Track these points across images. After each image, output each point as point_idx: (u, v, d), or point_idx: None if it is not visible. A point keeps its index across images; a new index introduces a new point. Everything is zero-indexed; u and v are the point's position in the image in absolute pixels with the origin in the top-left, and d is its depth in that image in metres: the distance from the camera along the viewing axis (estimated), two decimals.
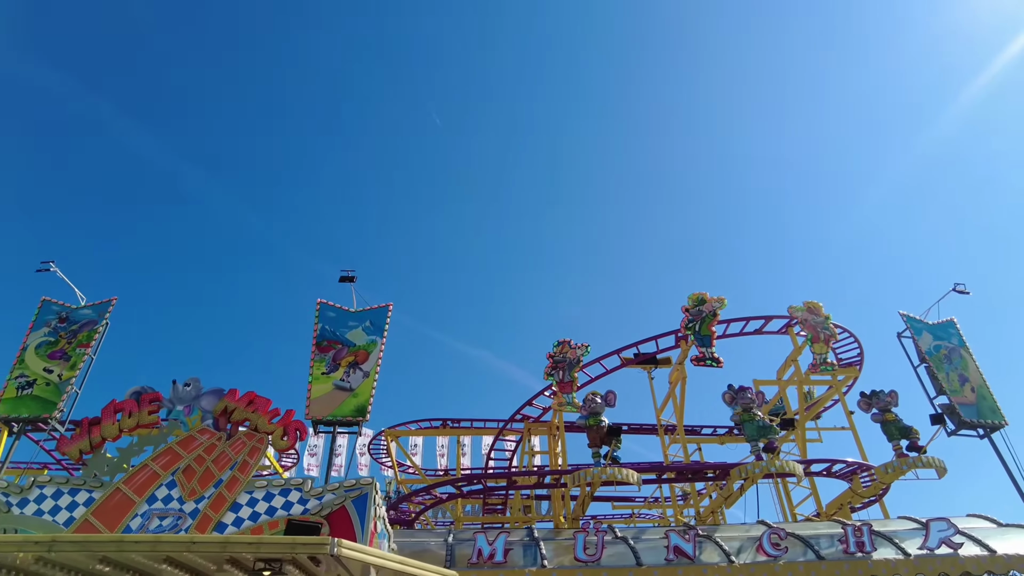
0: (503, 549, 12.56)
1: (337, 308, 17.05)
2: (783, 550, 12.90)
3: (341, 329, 16.71)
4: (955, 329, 18.69)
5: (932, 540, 13.40)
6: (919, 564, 12.93)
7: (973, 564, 13.03)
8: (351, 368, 16.06)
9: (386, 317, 17.06)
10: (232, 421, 9.60)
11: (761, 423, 15.37)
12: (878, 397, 16.62)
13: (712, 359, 17.92)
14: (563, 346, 18.82)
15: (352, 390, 15.73)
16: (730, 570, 12.46)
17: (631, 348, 20.11)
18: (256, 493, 9.01)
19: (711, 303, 18.48)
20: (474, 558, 12.43)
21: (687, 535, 12.93)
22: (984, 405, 17.10)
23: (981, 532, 14.77)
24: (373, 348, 16.47)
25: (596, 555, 12.62)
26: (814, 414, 23.04)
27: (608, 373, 20.72)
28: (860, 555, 13.02)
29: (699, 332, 18.22)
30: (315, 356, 16.19)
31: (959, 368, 17.73)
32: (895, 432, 16.01)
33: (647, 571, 12.35)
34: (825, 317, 19.00)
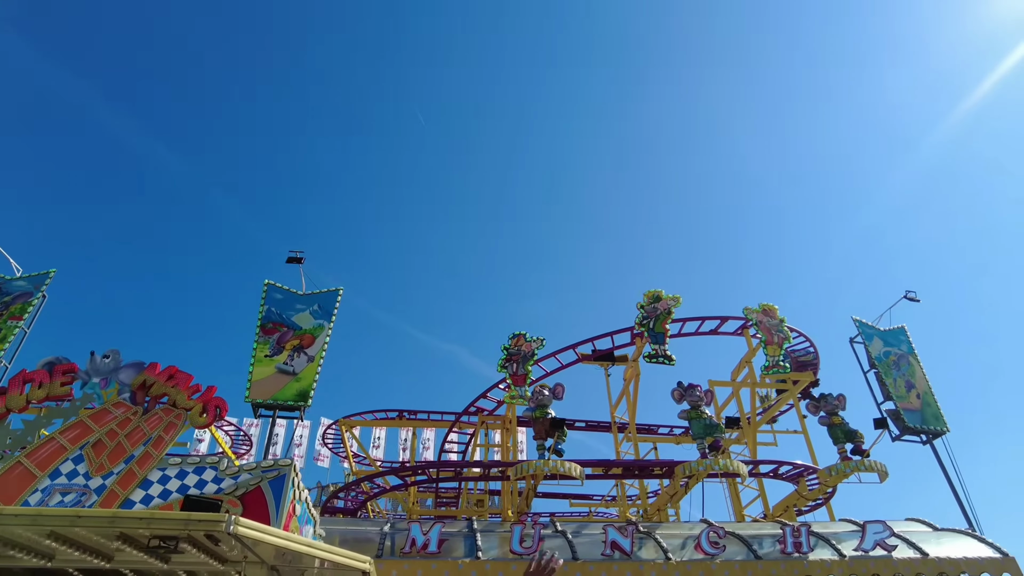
0: (437, 539, 12.31)
1: (285, 290, 16.64)
2: (721, 549, 12.86)
3: (288, 312, 16.32)
4: (905, 336, 18.89)
5: (868, 542, 13.49)
6: (853, 565, 12.98)
7: (905, 566, 13.13)
8: (296, 352, 15.70)
9: (335, 301, 16.71)
10: (150, 395, 9.18)
11: (708, 421, 15.35)
12: (826, 400, 16.71)
13: (664, 356, 17.86)
14: (518, 339, 18.60)
15: (295, 374, 15.37)
16: (666, 567, 12.37)
17: (587, 343, 19.97)
18: (169, 470, 8.62)
19: (666, 301, 18.42)
20: (407, 547, 12.18)
21: (625, 531, 12.80)
22: (928, 412, 17.30)
23: (917, 536, 14.91)
24: (320, 332, 16.12)
25: (532, 547, 12.43)
26: (769, 417, 23.15)
27: (563, 368, 20.56)
28: (797, 555, 13.03)
29: (653, 329, 18.16)
30: (259, 338, 15.78)
31: (907, 374, 17.93)
32: (840, 436, 16.09)
33: (582, 565, 12.19)
34: (780, 320, 19.08)
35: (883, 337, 18.50)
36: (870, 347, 18.11)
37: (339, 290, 16.92)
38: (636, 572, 12.27)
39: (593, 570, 12.18)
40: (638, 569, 12.30)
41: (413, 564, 11.93)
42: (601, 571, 12.19)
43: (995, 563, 13.55)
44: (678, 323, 19.97)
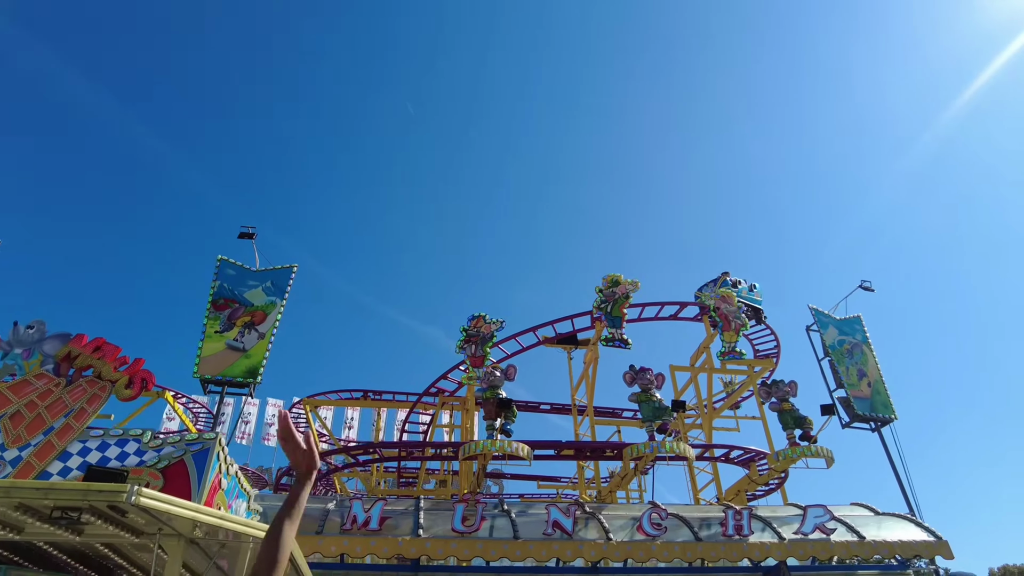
0: (379, 517, 12.33)
1: (238, 266, 16.42)
2: (663, 530, 12.99)
3: (240, 288, 16.12)
4: (860, 325, 19.11)
5: (808, 525, 13.70)
6: (791, 548, 13.19)
7: (842, 549, 13.38)
8: (246, 328, 15.53)
9: (289, 278, 16.52)
10: (75, 367, 9.03)
11: (657, 405, 15.44)
12: (777, 387, 16.88)
13: (621, 340, 17.93)
14: (477, 321, 18.57)
15: (245, 351, 15.22)
16: (606, 547, 12.48)
17: (547, 326, 19.99)
18: (90, 443, 8.51)
19: (625, 285, 18.45)
20: (347, 524, 12.18)
21: (568, 511, 12.90)
22: (878, 400, 17.55)
23: (858, 520, 15.19)
24: (272, 309, 15.95)
25: (474, 526, 12.50)
26: (732, 403, 23.37)
27: (524, 350, 20.58)
28: (738, 538, 13.20)
29: (610, 313, 18.20)
30: (210, 314, 15.58)
31: (859, 363, 18.15)
32: (790, 421, 16.28)
33: (523, 544, 12.26)
34: (737, 307, 19.19)
35: (838, 326, 18.70)
36: (825, 335, 18.30)
37: (293, 267, 16.73)
38: (576, 551, 12.37)
39: (533, 548, 12.25)
40: (578, 548, 12.41)
41: (353, 540, 11.94)
42: (541, 550, 12.28)
43: (929, 546, 13.86)
44: (637, 308, 20.06)
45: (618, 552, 12.49)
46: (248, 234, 16.38)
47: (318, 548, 11.77)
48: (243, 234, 16.37)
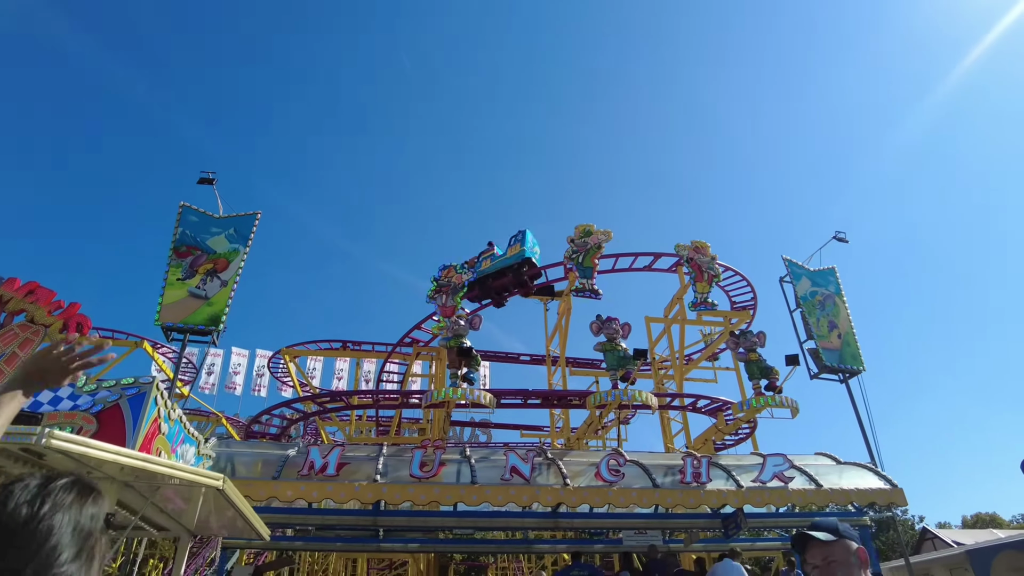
0: (336, 463, 12.40)
1: (201, 213, 16.11)
2: (620, 476, 13.10)
3: (203, 235, 15.85)
4: (834, 277, 18.94)
5: (766, 473, 13.83)
6: (748, 495, 13.33)
7: (798, 496, 13.53)
8: (209, 276, 15.33)
9: (252, 225, 16.24)
10: (7, 311, 8.87)
11: (621, 354, 15.39)
12: (745, 337, 16.82)
13: (591, 291, 17.79)
14: (448, 271, 18.39)
15: (207, 298, 15.05)
16: (563, 492, 12.59)
17: None
18: None
19: (597, 235, 18.20)
20: (304, 470, 12.24)
21: (527, 457, 12.98)
22: (847, 351, 17.53)
23: (820, 468, 15.35)
24: (235, 256, 15.72)
25: (432, 471, 12.59)
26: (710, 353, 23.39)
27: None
28: (695, 485, 13.32)
29: (581, 264, 18.01)
30: (172, 261, 15.36)
31: (831, 314, 18.06)
32: (756, 372, 16.29)
33: (479, 489, 12.36)
34: (711, 257, 19.01)
35: (811, 277, 18.52)
36: (797, 287, 18.14)
37: (256, 213, 16.43)
38: (532, 496, 12.48)
39: (490, 493, 12.36)
40: (535, 493, 12.51)
41: (309, 485, 12.01)
42: (497, 495, 12.39)
43: (884, 493, 14.03)
44: (611, 259, 19.86)
45: (574, 497, 12.61)
46: (208, 179, 15.98)
47: (274, 492, 11.83)
48: (203, 179, 15.98)
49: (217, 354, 28.59)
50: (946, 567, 19.70)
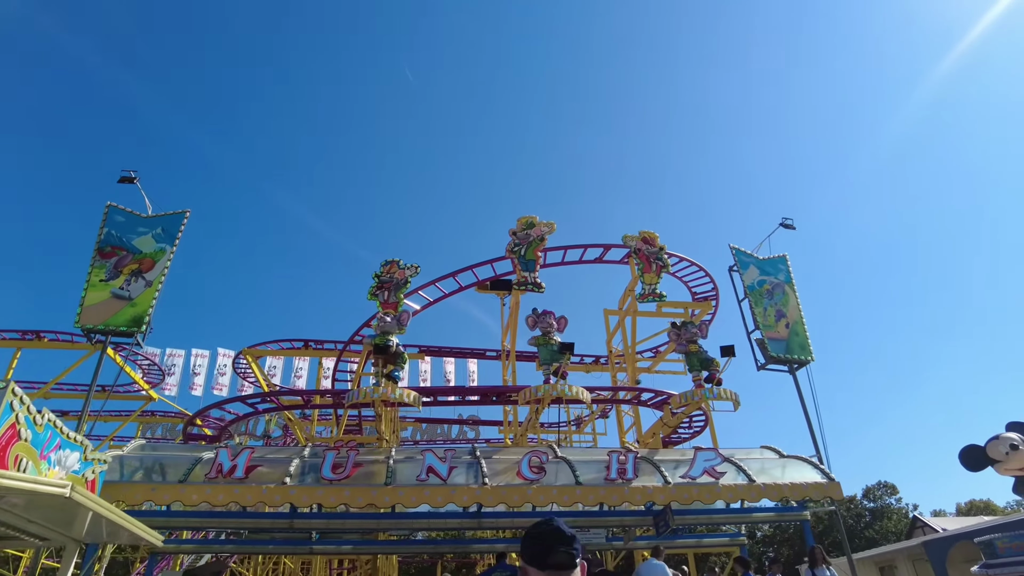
0: (245, 465, 12.14)
1: (127, 212, 15.86)
2: (541, 473, 12.77)
3: (129, 235, 15.61)
4: (785, 265, 18.47)
5: (696, 469, 13.46)
6: (675, 491, 12.96)
7: (729, 491, 13.14)
8: (133, 276, 15.09)
9: (180, 224, 15.98)
10: None
11: (554, 348, 15.03)
12: (686, 328, 16.41)
13: (534, 283, 17.41)
14: (391, 266, 17.99)
15: (131, 299, 14.82)
16: (479, 492, 12.26)
17: (467, 271, 19.42)
18: None
19: (540, 227, 17.82)
20: (212, 473, 11.99)
21: (444, 456, 12.66)
22: (795, 341, 17.08)
23: (761, 462, 14.96)
24: (161, 256, 15.47)
25: (345, 472, 12.30)
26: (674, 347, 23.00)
27: (447, 296, 20.11)
28: (620, 481, 12.96)
29: (524, 256, 17.63)
30: (95, 262, 15.13)
31: (779, 303, 17.60)
32: (696, 363, 15.88)
33: (392, 490, 12.06)
34: (659, 247, 18.57)
35: (760, 266, 18.06)
36: (744, 275, 17.69)
37: (185, 212, 16.16)
38: (447, 496, 12.17)
39: (403, 495, 12.06)
40: (449, 494, 12.19)
41: (215, 489, 11.73)
42: (411, 496, 12.08)
43: (819, 487, 13.62)
44: (559, 251, 19.46)
45: (491, 497, 12.28)
46: (129, 178, 15.69)
47: (179, 496, 11.60)
48: (123, 179, 15.68)
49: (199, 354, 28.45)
50: (908, 558, 19.29)
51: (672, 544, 16.36)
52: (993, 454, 12.62)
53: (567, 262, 19.83)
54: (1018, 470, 12.34)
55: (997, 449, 12.54)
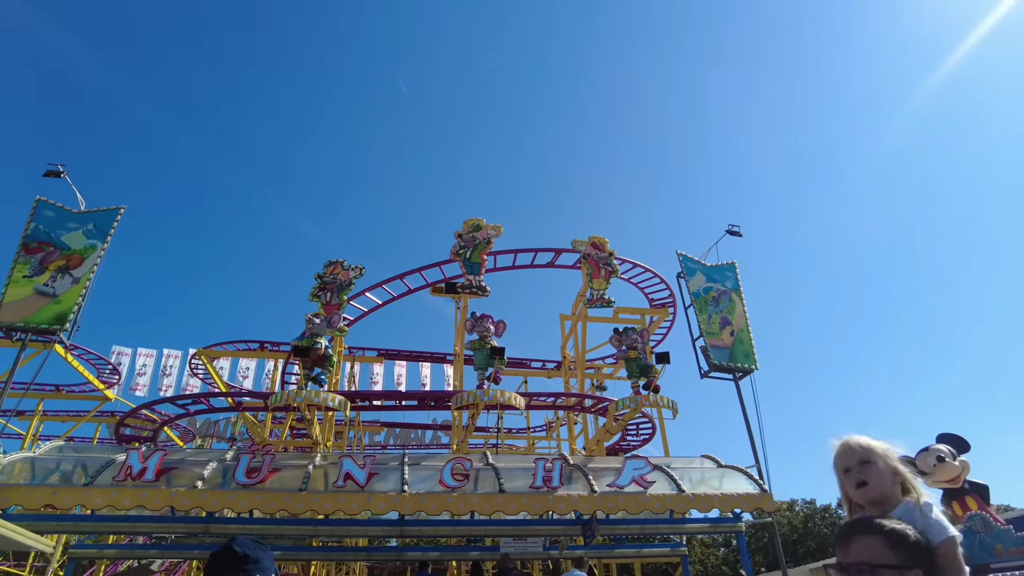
0: (156, 468, 11.81)
1: (58, 208, 15.51)
2: (464, 481, 12.50)
3: (58, 231, 15.25)
4: (733, 272, 18.28)
5: (624, 477, 13.21)
6: (600, 500, 12.71)
7: (657, 501, 12.89)
8: (60, 272, 14.74)
9: (114, 221, 15.64)
10: None
11: (488, 352, 14.78)
12: (627, 335, 16.20)
13: (479, 287, 17.18)
14: (334, 267, 17.74)
15: (55, 296, 14.46)
16: (396, 499, 11.98)
17: (414, 273, 19.16)
18: None
19: (486, 230, 17.58)
20: (120, 476, 11.65)
21: (364, 463, 12.37)
22: (739, 349, 16.88)
23: (701, 472, 14.75)
24: (91, 253, 15.12)
25: (259, 477, 11.99)
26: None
27: (395, 299, 19.86)
28: (545, 489, 12.70)
29: (469, 259, 17.38)
30: (19, 257, 14.77)
31: (725, 311, 17.41)
32: (635, 370, 15.68)
33: (305, 496, 11.77)
34: (609, 253, 18.37)
35: (707, 272, 17.86)
36: (690, 282, 17.48)
37: (119, 209, 15.82)
38: (363, 504, 11.88)
39: (316, 501, 11.77)
40: (366, 501, 11.91)
41: (122, 492, 11.41)
42: (325, 502, 11.80)
43: (751, 498, 13.39)
44: (509, 254, 19.26)
45: (409, 504, 12.01)
46: (56, 172, 15.34)
47: (83, 500, 11.26)
48: (50, 172, 15.32)
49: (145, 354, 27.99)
50: None
51: (611, 555, 16.19)
52: (922, 466, 12.39)
53: (518, 266, 19.62)
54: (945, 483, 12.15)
55: (925, 461, 12.32)
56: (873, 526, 1.91)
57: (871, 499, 2.27)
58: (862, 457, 2.32)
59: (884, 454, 2.34)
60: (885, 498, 2.26)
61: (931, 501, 2.22)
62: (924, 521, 2.08)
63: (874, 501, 2.27)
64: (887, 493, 2.27)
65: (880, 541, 1.85)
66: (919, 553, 1.86)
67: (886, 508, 2.23)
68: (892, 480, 2.29)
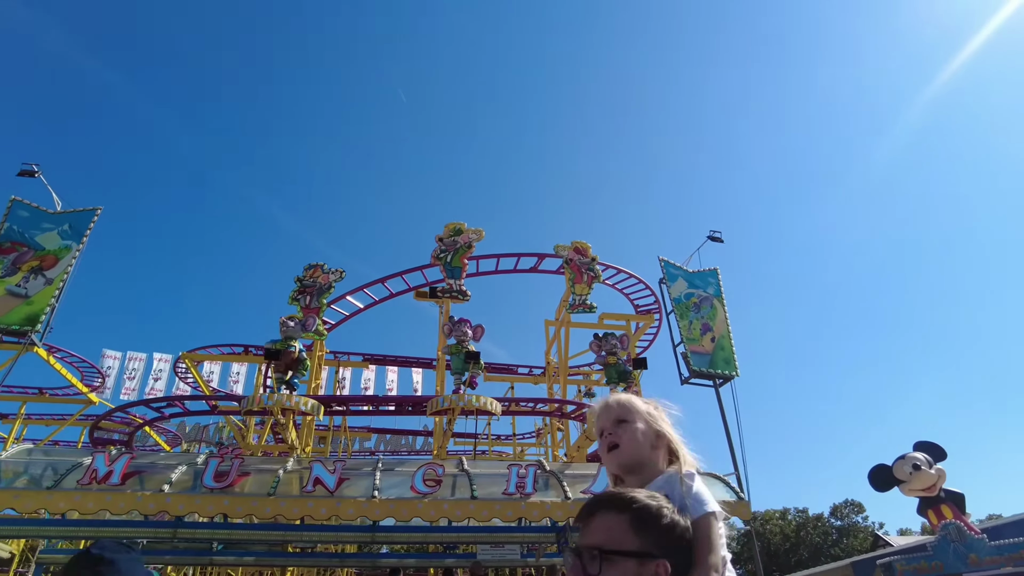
0: (122, 472, 11.66)
1: (33, 208, 15.40)
2: (435, 487, 12.35)
3: (32, 231, 15.13)
4: (716, 279, 18.22)
5: (598, 484, 13.02)
6: (573, 508, 12.52)
7: None
8: (33, 273, 14.62)
9: (90, 222, 15.53)
10: None
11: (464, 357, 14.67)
12: (607, 340, 16.11)
13: (459, 291, 17.06)
14: (314, 270, 17.63)
15: (27, 297, 14.33)
16: (366, 504, 11.83)
17: (396, 277, 19.06)
18: None
19: (467, 234, 17.47)
20: (85, 479, 11.50)
21: (335, 468, 12.22)
22: (719, 356, 16.79)
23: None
24: (65, 254, 15.00)
25: (227, 482, 11.84)
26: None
27: (377, 303, 19.75)
28: (518, 496, 12.55)
29: (450, 263, 17.28)
30: None
31: (706, 317, 17.33)
32: (614, 375, 15.60)
33: (273, 501, 11.60)
34: (591, 258, 18.27)
35: (689, 279, 17.79)
36: (672, 288, 17.42)
37: (96, 210, 15.71)
38: (331, 508, 11.72)
39: (284, 505, 11.61)
40: (335, 506, 11.75)
41: (86, 496, 11.25)
42: (293, 507, 11.65)
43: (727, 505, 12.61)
44: (492, 259, 19.16)
45: (379, 510, 11.85)
46: (30, 172, 15.24)
47: (46, 504, 11.10)
48: (24, 172, 15.22)
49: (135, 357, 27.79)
50: None
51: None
52: (898, 474, 12.34)
53: (501, 271, 19.53)
54: (921, 491, 12.08)
55: (902, 469, 12.26)
56: (620, 501, 1.56)
57: (622, 465, 1.95)
58: (619, 416, 2.00)
59: (648, 414, 2.01)
60: (640, 465, 1.94)
61: (694, 471, 1.92)
62: (685, 495, 1.77)
63: (627, 468, 1.95)
64: (643, 459, 1.94)
65: (624, 521, 1.51)
66: (671, 538, 1.54)
67: (644, 478, 1.91)
68: (654, 444, 1.96)
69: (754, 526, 53.38)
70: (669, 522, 1.55)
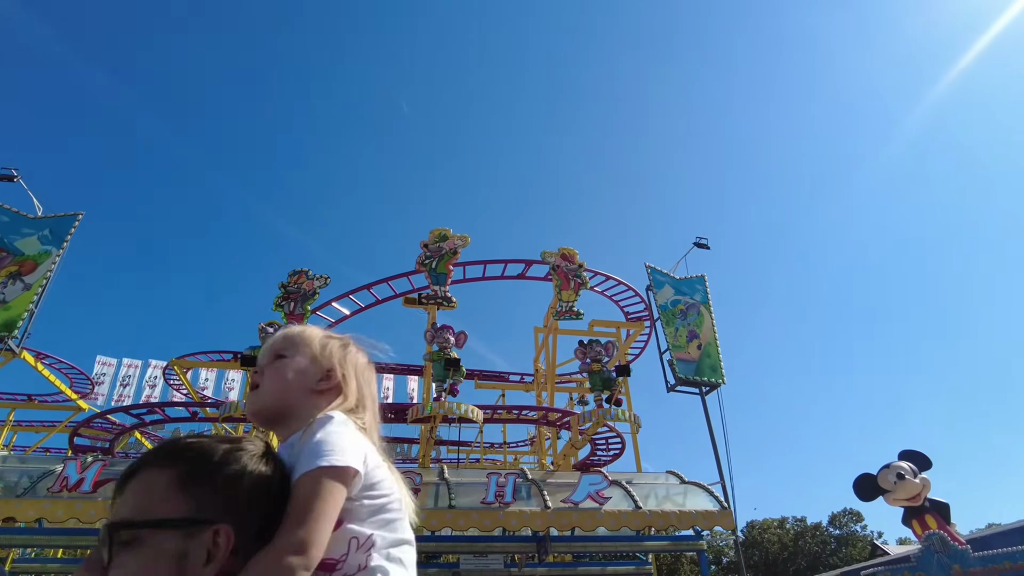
0: (94, 479, 11.50)
1: (13, 212, 15.29)
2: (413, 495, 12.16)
3: (11, 236, 15.01)
4: (703, 285, 18.06)
5: (579, 493, 12.88)
6: (554, 517, 12.38)
7: (611, 518, 12.55)
8: (10, 279, 14.48)
9: (71, 227, 15.41)
10: None
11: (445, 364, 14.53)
12: (592, 347, 15.95)
13: (444, 298, 16.92)
14: (298, 276, 17.54)
15: (4, 303, 14.20)
16: None
17: (383, 283, 18.91)
18: None
19: (453, 240, 17.35)
20: (56, 487, 11.34)
21: None
22: (705, 363, 16.60)
23: (664, 488, 14.43)
24: (45, 259, 14.88)
25: None
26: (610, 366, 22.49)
27: (364, 309, 19.60)
28: (497, 505, 12.38)
29: (435, 270, 17.14)
30: None
31: (693, 324, 17.16)
32: (598, 383, 15.42)
33: None
34: (578, 265, 18.14)
35: (676, 285, 17.64)
36: (658, 295, 17.26)
37: (78, 215, 15.61)
38: None
39: None
40: None
41: (55, 504, 11.09)
42: None
43: (710, 515, 13.06)
44: (479, 265, 19.02)
45: None
46: (8, 176, 15.14)
47: (13, 512, 10.94)
48: (2, 176, 15.11)
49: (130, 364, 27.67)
50: None
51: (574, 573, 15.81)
52: (883, 484, 12.14)
53: (488, 277, 19.39)
54: (905, 500, 11.87)
55: (886, 479, 12.07)
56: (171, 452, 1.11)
57: (257, 412, 1.44)
58: (279, 349, 1.49)
59: (324, 348, 1.50)
60: (287, 413, 1.41)
61: (336, 413, 1.35)
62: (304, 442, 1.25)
63: (266, 417, 1.43)
64: (292, 405, 1.41)
65: (171, 476, 1.07)
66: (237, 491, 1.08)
67: (291, 428, 1.39)
68: (314, 387, 1.43)
69: (752, 535, 53.04)
70: (235, 471, 1.10)
